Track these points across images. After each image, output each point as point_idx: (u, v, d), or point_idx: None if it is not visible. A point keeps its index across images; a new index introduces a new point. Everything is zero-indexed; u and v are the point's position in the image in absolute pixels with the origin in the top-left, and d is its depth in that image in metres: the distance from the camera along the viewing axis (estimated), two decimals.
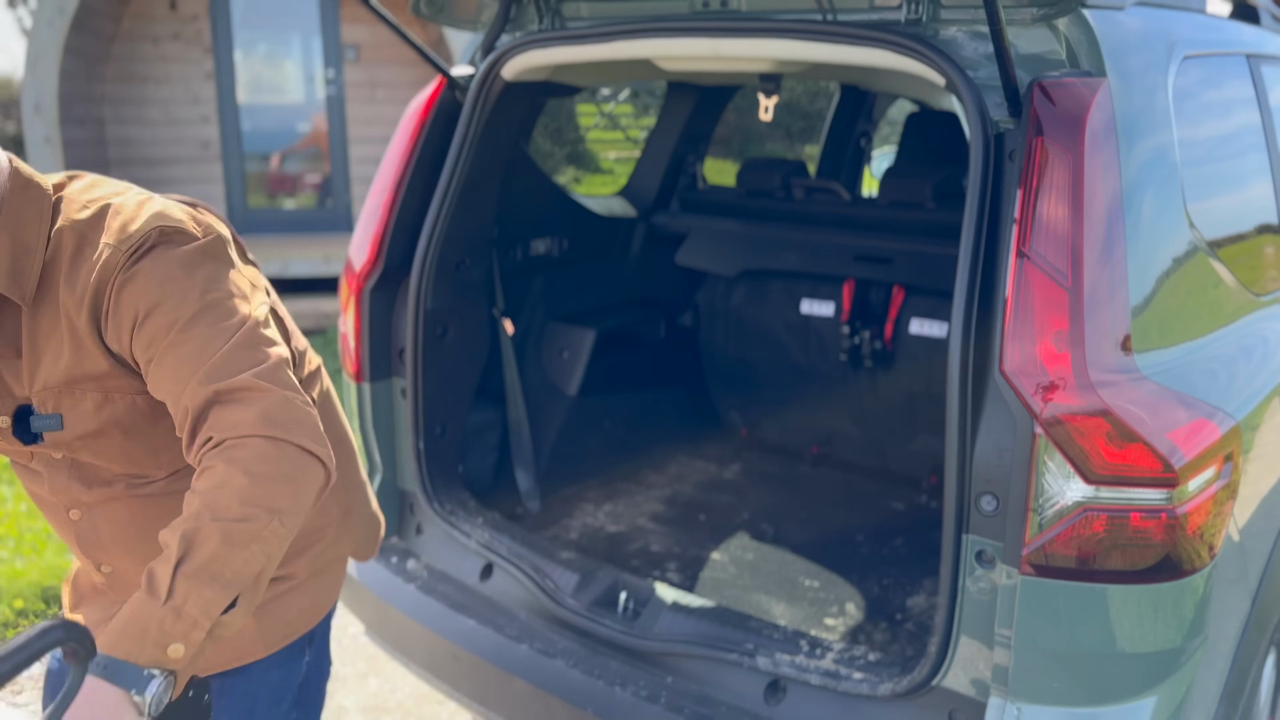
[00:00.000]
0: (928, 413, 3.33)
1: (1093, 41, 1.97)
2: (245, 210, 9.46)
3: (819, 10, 2.23)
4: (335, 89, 9.56)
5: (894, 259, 3.38)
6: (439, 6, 2.69)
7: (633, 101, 17.12)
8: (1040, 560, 1.80)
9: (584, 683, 2.30)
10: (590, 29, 2.49)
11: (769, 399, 3.82)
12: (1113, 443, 1.75)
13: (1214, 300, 2.18)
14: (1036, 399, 1.77)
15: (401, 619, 2.63)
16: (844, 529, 3.10)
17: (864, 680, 2.07)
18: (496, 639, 2.46)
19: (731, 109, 4.42)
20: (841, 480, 3.50)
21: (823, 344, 3.62)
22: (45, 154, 7.75)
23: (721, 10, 2.38)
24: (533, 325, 3.46)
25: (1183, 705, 1.91)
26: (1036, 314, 1.79)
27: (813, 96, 11.87)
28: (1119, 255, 1.84)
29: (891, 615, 2.58)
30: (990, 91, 2.00)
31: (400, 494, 2.85)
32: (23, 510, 4.75)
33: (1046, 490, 1.78)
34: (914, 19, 2.12)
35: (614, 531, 3.02)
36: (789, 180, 3.73)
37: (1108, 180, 1.85)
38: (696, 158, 4.09)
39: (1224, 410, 1.93)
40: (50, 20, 7.60)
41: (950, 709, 1.97)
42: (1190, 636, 1.89)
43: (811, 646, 2.20)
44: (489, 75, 2.69)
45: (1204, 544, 1.84)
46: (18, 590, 4.02)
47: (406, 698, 3.50)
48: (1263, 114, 2.63)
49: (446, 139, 2.76)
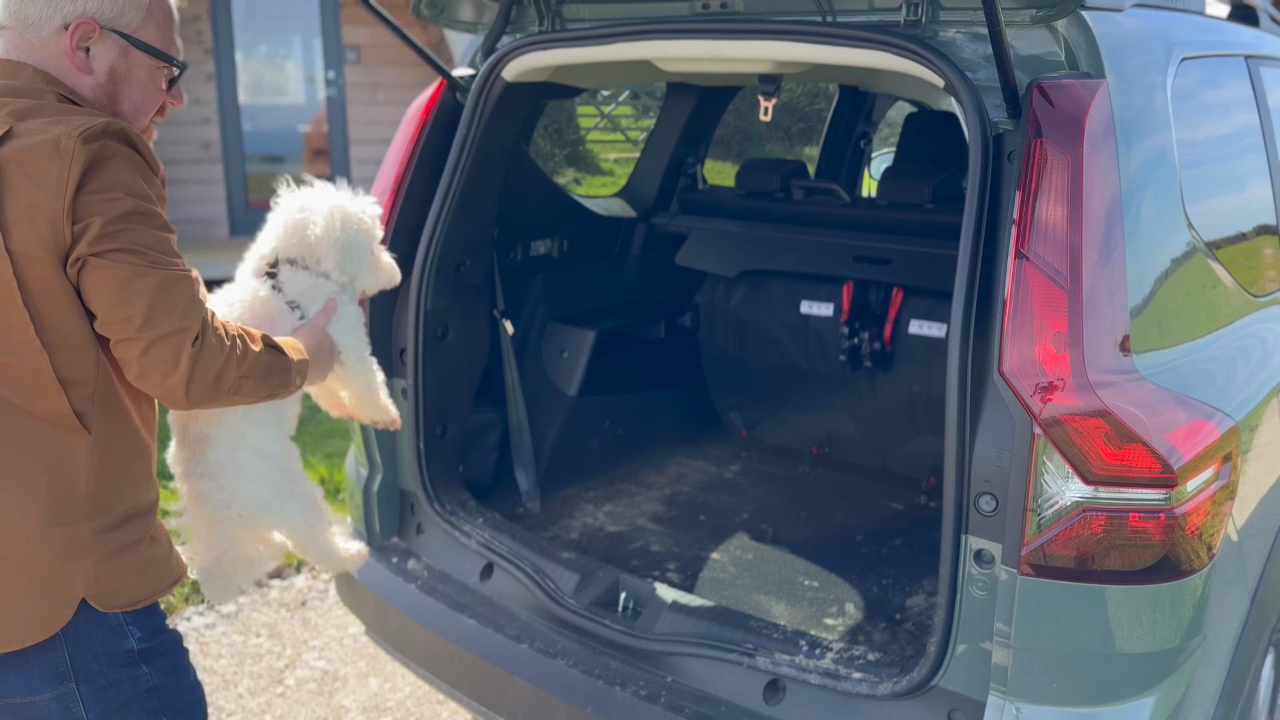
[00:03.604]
0: (927, 413, 3.33)
1: (1091, 43, 1.97)
2: (246, 210, 9.46)
3: (818, 12, 2.24)
4: (336, 90, 9.57)
5: (893, 260, 3.38)
6: (440, 8, 2.70)
7: (632, 103, 17.13)
8: (1039, 560, 1.80)
9: (584, 682, 2.30)
10: (591, 30, 2.50)
11: (768, 399, 3.83)
12: (1111, 443, 1.75)
13: (1212, 301, 2.18)
14: (1035, 399, 1.78)
15: (402, 619, 2.63)
16: (843, 529, 3.10)
17: (863, 680, 2.08)
18: (497, 639, 2.47)
19: (731, 110, 4.42)
20: (841, 480, 3.50)
21: (822, 344, 3.63)
22: None
23: (721, 12, 2.39)
24: (533, 326, 3.46)
25: (1181, 705, 1.92)
26: (1035, 315, 1.80)
27: (812, 98, 11.88)
28: (1118, 256, 1.84)
29: (891, 615, 2.58)
30: (989, 93, 2.00)
31: (401, 494, 2.86)
32: None
33: (1045, 490, 1.79)
34: (913, 21, 2.12)
35: (614, 531, 3.02)
36: (788, 181, 3.73)
37: (1106, 181, 1.86)
38: (696, 158, 4.09)
39: (1222, 411, 1.94)
40: None
41: (949, 709, 1.98)
42: (1189, 636, 1.89)
43: (811, 646, 2.20)
44: (489, 76, 2.69)
45: (1202, 544, 1.84)
46: None
47: (407, 698, 3.51)
48: (1261, 115, 2.63)
49: (447, 140, 2.76)
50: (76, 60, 1.70)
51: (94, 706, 1.71)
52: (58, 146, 1.53)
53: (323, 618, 3.99)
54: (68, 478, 1.64)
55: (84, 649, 1.70)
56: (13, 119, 1.59)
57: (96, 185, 1.54)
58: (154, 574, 1.76)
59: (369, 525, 2.85)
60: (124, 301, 1.54)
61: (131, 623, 1.74)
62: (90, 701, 1.71)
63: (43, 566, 1.64)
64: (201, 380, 1.59)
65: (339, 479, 5.03)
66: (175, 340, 1.56)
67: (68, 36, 1.69)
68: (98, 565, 1.68)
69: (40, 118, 1.59)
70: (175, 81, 1.84)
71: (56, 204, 1.52)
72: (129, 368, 1.59)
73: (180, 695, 1.84)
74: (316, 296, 2.07)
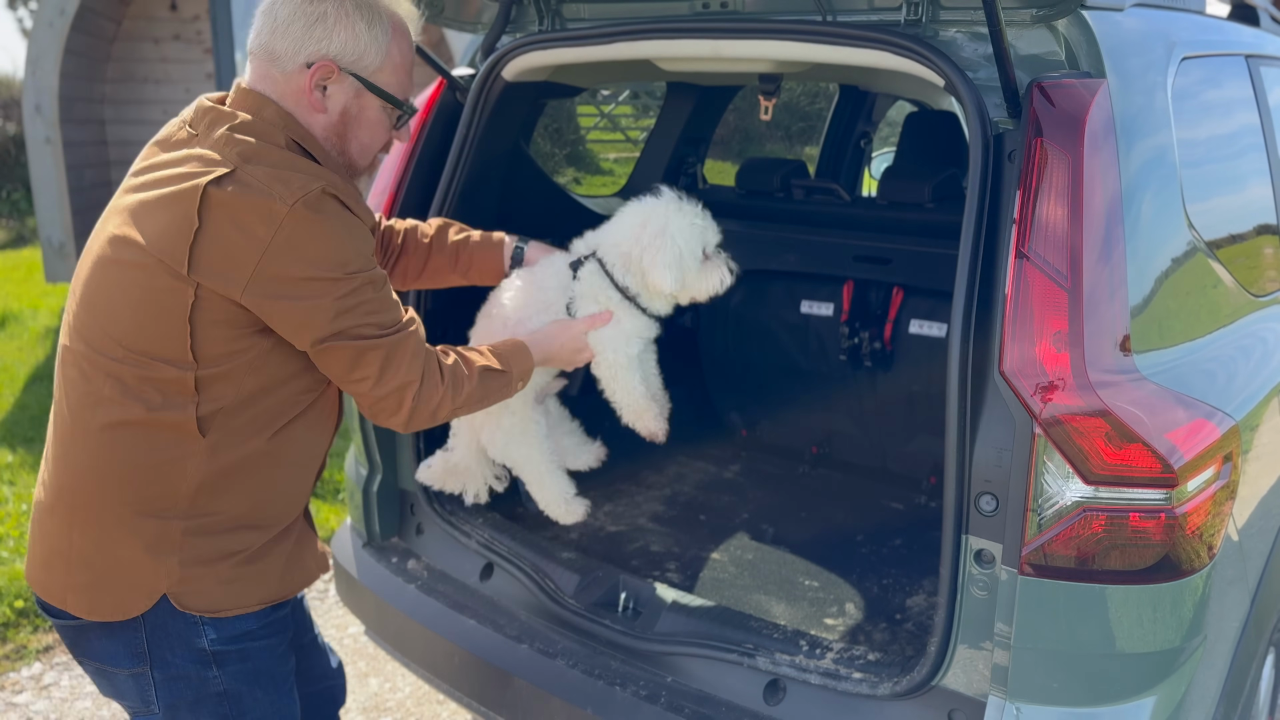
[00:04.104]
0: (927, 413, 3.32)
1: (1092, 42, 1.97)
2: None
3: (819, 11, 2.23)
4: None
5: (893, 259, 3.38)
6: (439, 7, 2.70)
7: (632, 102, 17.13)
8: (1039, 560, 1.80)
9: (584, 682, 2.30)
10: (591, 30, 2.50)
11: (769, 399, 3.82)
12: (1112, 443, 1.75)
13: (1213, 301, 2.18)
14: (1036, 399, 1.77)
15: (402, 619, 2.63)
16: (844, 529, 3.09)
17: (864, 680, 2.07)
18: (496, 639, 2.47)
19: (731, 109, 4.42)
20: (841, 480, 3.50)
21: (822, 344, 3.63)
22: (45, 154, 7.75)
23: (721, 11, 2.38)
24: None
25: (1182, 705, 1.92)
26: (1036, 314, 1.80)
27: (812, 97, 11.87)
28: (1118, 256, 1.84)
29: (891, 615, 2.58)
30: (990, 92, 2.00)
31: (400, 494, 2.86)
32: (23, 510, 4.75)
33: (1046, 490, 1.78)
34: (913, 20, 2.12)
35: (614, 531, 3.02)
36: (789, 180, 3.73)
37: (1107, 181, 1.85)
38: (696, 158, 4.09)
39: (1223, 410, 1.94)
40: (51, 21, 7.60)
41: (950, 709, 1.98)
42: (1189, 636, 1.89)
43: (811, 646, 2.20)
44: (489, 76, 2.69)
45: (1203, 544, 1.84)
46: (18, 590, 4.02)
47: (407, 698, 3.51)
48: (1261, 115, 2.63)
49: (447, 140, 2.76)
50: (313, 99, 1.77)
51: (164, 694, 1.80)
52: (271, 210, 1.61)
53: (322, 618, 3.99)
54: (172, 476, 1.71)
55: (161, 638, 1.77)
56: (239, 159, 1.66)
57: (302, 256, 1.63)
58: (242, 589, 1.80)
59: (368, 525, 2.85)
60: (358, 369, 1.74)
61: (209, 624, 1.79)
62: (161, 689, 1.80)
63: (133, 553, 1.73)
64: (420, 417, 1.83)
65: (339, 479, 5.03)
66: (399, 393, 1.77)
67: (308, 75, 1.75)
68: (184, 566, 1.75)
69: (263, 165, 1.66)
70: (404, 120, 1.91)
71: (252, 261, 1.61)
72: (360, 407, 1.83)
73: (258, 709, 1.86)
74: (597, 302, 2.26)
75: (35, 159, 7.77)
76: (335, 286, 1.66)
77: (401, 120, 1.90)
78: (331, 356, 1.72)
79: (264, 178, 1.63)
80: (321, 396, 1.86)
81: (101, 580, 1.74)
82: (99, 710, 3.48)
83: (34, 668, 3.72)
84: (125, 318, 1.68)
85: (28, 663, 3.74)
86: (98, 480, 1.72)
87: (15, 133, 13.53)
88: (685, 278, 2.26)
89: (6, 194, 13.70)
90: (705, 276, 2.30)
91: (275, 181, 1.63)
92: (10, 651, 3.79)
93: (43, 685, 3.61)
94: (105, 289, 1.70)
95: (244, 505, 1.79)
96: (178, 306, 1.64)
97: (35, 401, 6.35)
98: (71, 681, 3.63)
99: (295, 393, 1.79)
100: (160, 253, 1.63)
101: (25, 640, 3.84)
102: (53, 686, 3.61)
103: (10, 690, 3.58)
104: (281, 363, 1.74)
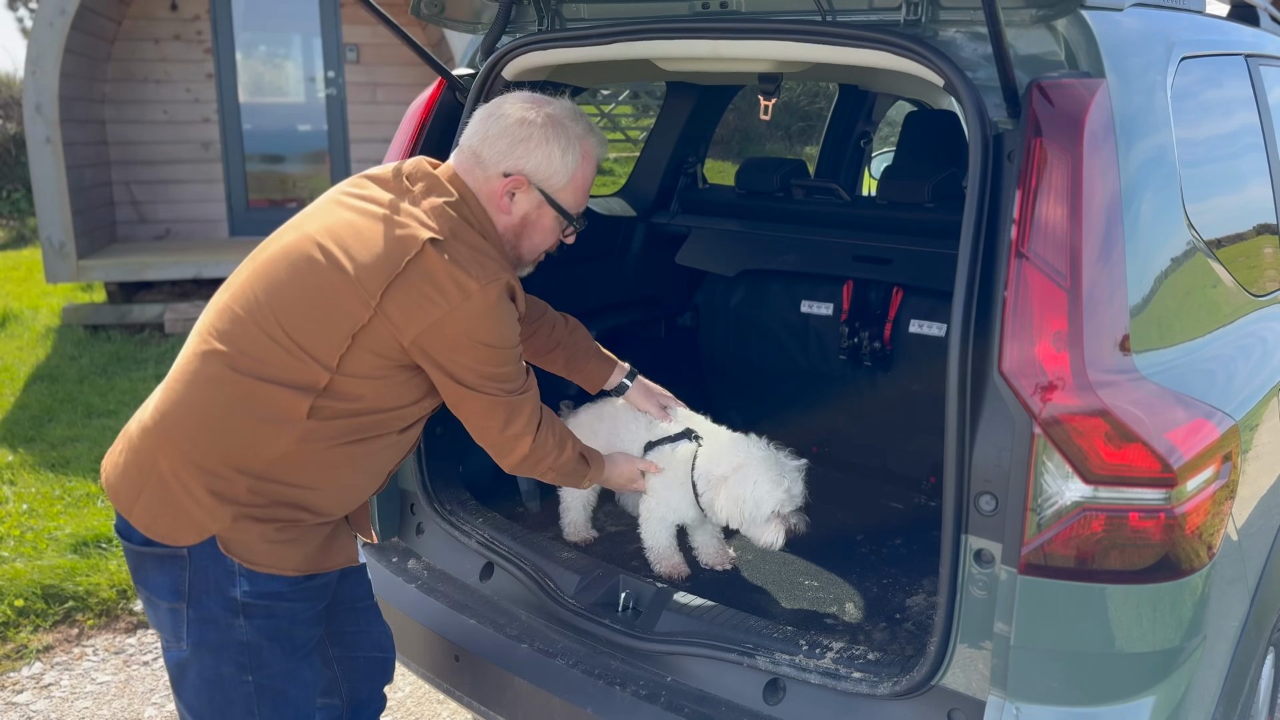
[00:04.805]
0: (927, 412, 3.31)
1: (1091, 42, 1.97)
2: (246, 210, 9.46)
3: (818, 11, 2.23)
4: (336, 89, 9.57)
5: (893, 259, 3.38)
6: (439, 8, 2.70)
7: (632, 102, 17.12)
8: (1039, 560, 1.80)
9: (584, 682, 2.30)
10: (590, 30, 2.50)
11: (768, 399, 3.82)
12: (1111, 443, 1.75)
13: (1212, 300, 2.18)
14: (1035, 399, 1.77)
15: (402, 618, 2.63)
16: (844, 529, 3.09)
17: (863, 679, 2.07)
18: (497, 639, 2.47)
19: (731, 109, 4.42)
20: (841, 480, 3.50)
21: (822, 344, 3.63)
22: (46, 154, 7.75)
23: (721, 11, 2.38)
24: None
25: (1181, 705, 1.92)
26: (1035, 314, 1.80)
27: (812, 97, 11.87)
28: (1118, 256, 1.84)
29: (891, 615, 2.58)
30: (989, 92, 2.00)
31: (400, 494, 2.86)
32: (23, 510, 4.75)
33: (1045, 490, 1.79)
34: (913, 20, 2.12)
35: (614, 531, 3.02)
36: (788, 180, 3.73)
37: (1106, 181, 1.85)
38: (696, 158, 4.09)
39: (1222, 410, 1.94)
40: (51, 20, 7.60)
41: (949, 708, 1.98)
42: (1189, 636, 1.89)
43: (811, 646, 2.20)
44: (489, 76, 2.69)
45: (1202, 544, 1.84)
46: (18, 590, 4.02)
47: (407, 698, 3.51)
48: (1261, 114, 2.63)
49: (447, 140, 2.76)
50: (502, 202, 2.08)
51: (194, 633, 1.98)
52: (466, 284, 1.90)
53: None
54: (261, 440, 1.93)
55: (201, 581, 1.96)
56: (449, 233, 1.96)
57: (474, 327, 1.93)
58: (279, 554, 1.99)
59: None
60: (487, 417, 2.07)
61: (244, 575, 1.97)
62: (192, 627, 1.98)
63: (199, 491, 1.93)
64: (523, 466, 2.18)
65: None
66: (515, 442, 2.12)
67: (504, 183, 2.07)
68: (237, 518, 1.94)
69: (465, 245, 1.96)
70: (571, 232, 2.20)
71: (433, 317, 1.90)
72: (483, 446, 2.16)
73: (274, 665, 2.03)
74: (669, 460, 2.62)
75: (35, 159, 7.78)
76: (490, 355, 1.97)
77: (569, 231, 2.20)
78: (469, 405, 2.04)
79: (467, 256, 1.93)
80: (414, 425, 2.11)
81: (165, 504, 1.94)
82: (99, 710, 3.48)
83: (34, 668, 3.72)
84: (298, 309, 1.92)
85: (28, 662, 3.74)
86: (199, 420, 1.94)
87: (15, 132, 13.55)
88: (746, 526, 2.54)
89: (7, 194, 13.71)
90: (764, 531, 2.53)
91: (474, 262, 1.93)
92: (10, 651, 3.79)
93: (43, 685, 3.62)
94: (291, 277, 1.95)
95: (308, 489, 1.99)
96: (348, 323, 1.90)
97: (35, 401, 6.34)
98: (71, 681, 3.64)
99: (397, 418, 2.04)
100: (360, 276, 1.90)
101: (25, 640, 3.85)
102: (53, 686, 3.61)
103: (10, 690, 3.58)
104: (400, 394, 2.00)
